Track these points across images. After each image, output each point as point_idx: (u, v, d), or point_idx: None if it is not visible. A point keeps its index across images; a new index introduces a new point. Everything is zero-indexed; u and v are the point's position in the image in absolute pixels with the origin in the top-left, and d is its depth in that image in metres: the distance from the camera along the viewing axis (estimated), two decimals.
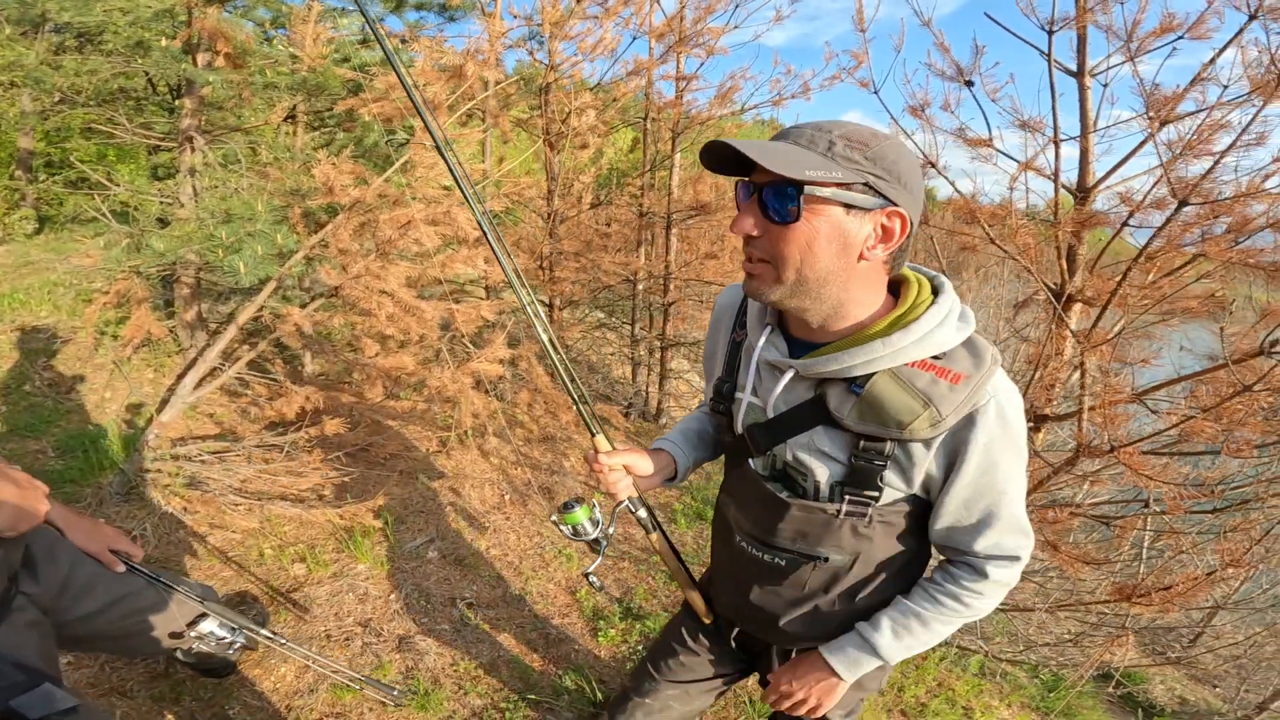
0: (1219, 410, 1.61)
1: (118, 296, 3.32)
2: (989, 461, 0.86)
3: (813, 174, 0.76)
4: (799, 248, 0.81)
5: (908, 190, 0.81)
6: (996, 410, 0.84)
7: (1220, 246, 1.90)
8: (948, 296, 0.89)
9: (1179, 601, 1.78)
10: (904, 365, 0.85)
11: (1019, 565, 0.95)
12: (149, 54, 3.14)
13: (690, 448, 1.25)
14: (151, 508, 2.55)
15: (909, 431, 0.84)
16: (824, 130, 0.80)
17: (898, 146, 0.81)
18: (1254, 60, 1.79)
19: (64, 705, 1.07)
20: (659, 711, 1.41)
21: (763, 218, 0.83)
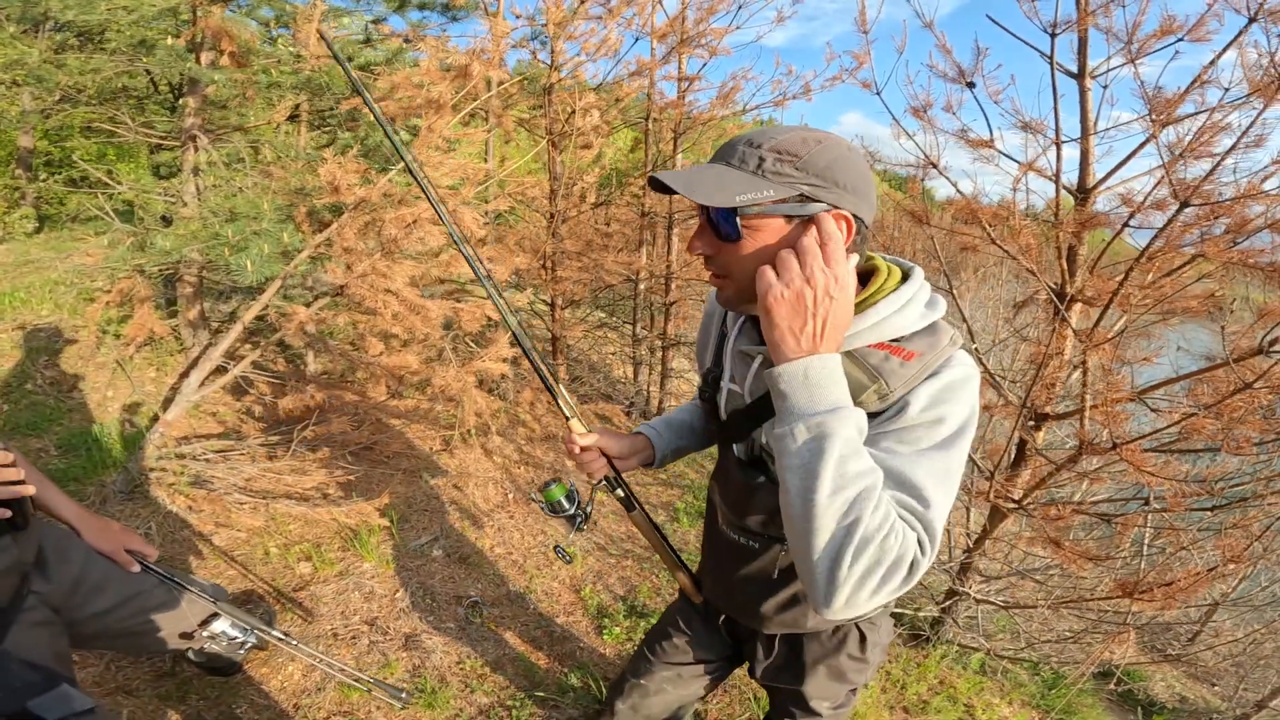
0: (1219, 408, 1.63)
1: (120, 295, 3.32)
2: (930, 416, 0.82)
3: (742, 197, 0.78)
4: (749, 263, 0.83)
5: (847, 190, 0.81)
6: (946, 382, 0.83)
7: (1219, 247, 1.93)
8: (911, 285, 0.90)
9: (1180, 597, 1.80)
10: (862, 347, 0.87)
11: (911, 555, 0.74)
12: (153, 53, 3.14)
13: (671, 434, 1.30)
14: (156, 506, 2.56)
15: (858, 404, 0.83)
16: (755, 145, 0.81)
17: (831, 149, 0.81)
18: (1254, 63, 1.81)
19: (82, 707, 1.08)
20: (654, 694, 1.46)
21: (713, 237, 0.86)
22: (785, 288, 0.75)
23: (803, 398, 0.74)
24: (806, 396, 0.74)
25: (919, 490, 0.78)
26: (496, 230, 3.92)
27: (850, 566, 0.71)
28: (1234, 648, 3.39)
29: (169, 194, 3.47)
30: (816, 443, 0.72)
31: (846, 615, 0.74)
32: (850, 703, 1.34)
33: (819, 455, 0.71)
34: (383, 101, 2.85)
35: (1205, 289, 2.12)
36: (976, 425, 0.87)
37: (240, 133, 3.94)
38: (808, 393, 0.74)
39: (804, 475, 0.72)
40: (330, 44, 1.15)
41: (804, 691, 1.26)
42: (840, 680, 1.25)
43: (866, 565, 0.71)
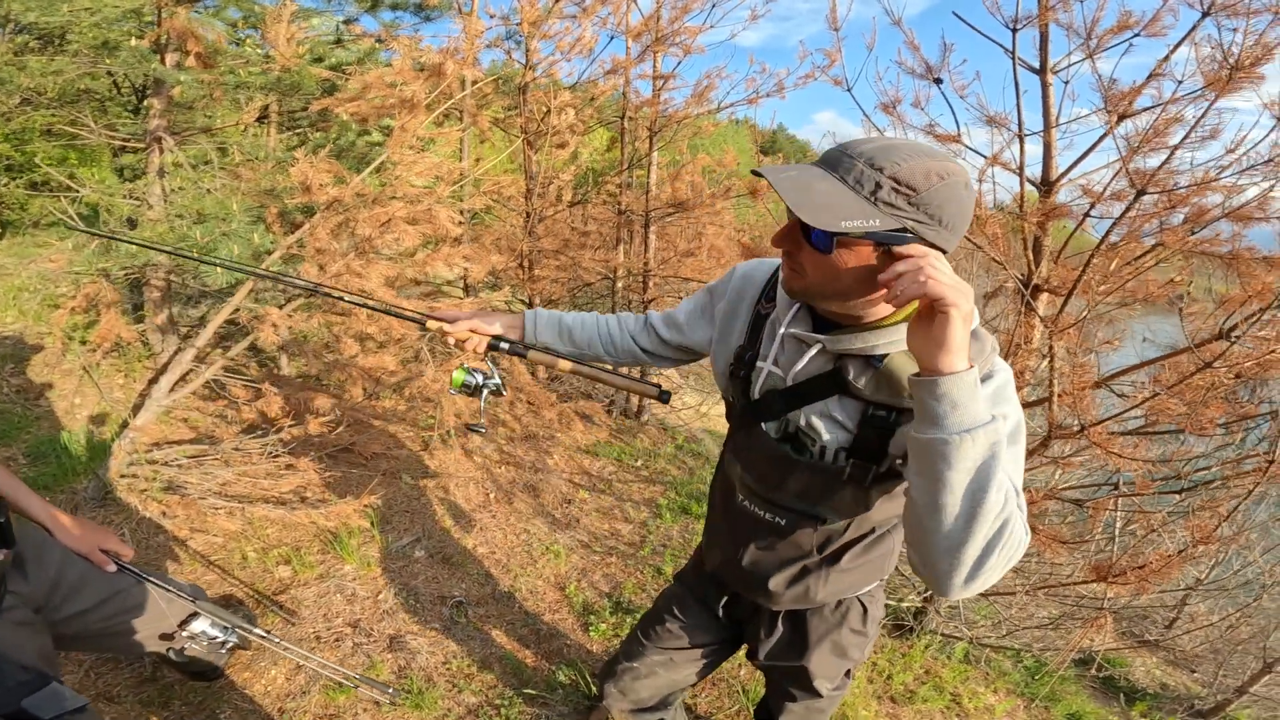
0: (1182, 387, 1.69)
1: (86, 300, 3.24)
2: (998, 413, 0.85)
3: (849, 224, 0.79)
4: (830, 274, 0.86)
5: (949, 230, 0.83)
6: (996, 385, 0.89)
7: (1178, 236, 2.00)
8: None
9: (1153, 580, 1.85)
10: None
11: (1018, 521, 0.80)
12: (116, 54, 3.07)
13: (548, 330, 1.33)
14: (129, 513, 2.51)
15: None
16: (877, 167, 0.80)
17: (949, 189, 0.81)
18: (1207, 56, 1.88)
19: (74, 704, 1.07)
20: (645, 676, 1.47)
21: (802, 237, 0.88)
22: (967, 303, 0.76)
23: (976, 407, 0.76)
24: (978, 406, 0.76)
25: (1012, 479, 0.82)
26: (473, 230, 3.91)
27: (998, 555, 0.77)
28: (1211, 633, 3.46)
29: (134, 196, 3.40)
30: (993, 449, 0.75)
31: (970, 594, 0.82)
32: (845, 686, 1.37)
33: (994, 460, 0.75)
34: (355, 102, 2.83)
35: (1165, 277, 2.20)
36: None
37: (207, 134, 3.87)
38: (977, 402, 0.76)
39: (978, 479, 0.76)
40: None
41: (807, 668, 1.29)
42: (842, 656, 1.28)
43: (1007, 553, 0.78)
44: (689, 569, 1.50)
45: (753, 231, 7.53)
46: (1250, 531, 3.26)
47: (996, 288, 2.73)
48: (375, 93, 2.75)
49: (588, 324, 1.35)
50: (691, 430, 4.93)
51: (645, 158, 4.21)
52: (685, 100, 3.98)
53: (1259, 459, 2.02)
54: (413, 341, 3.28)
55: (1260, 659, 2.95)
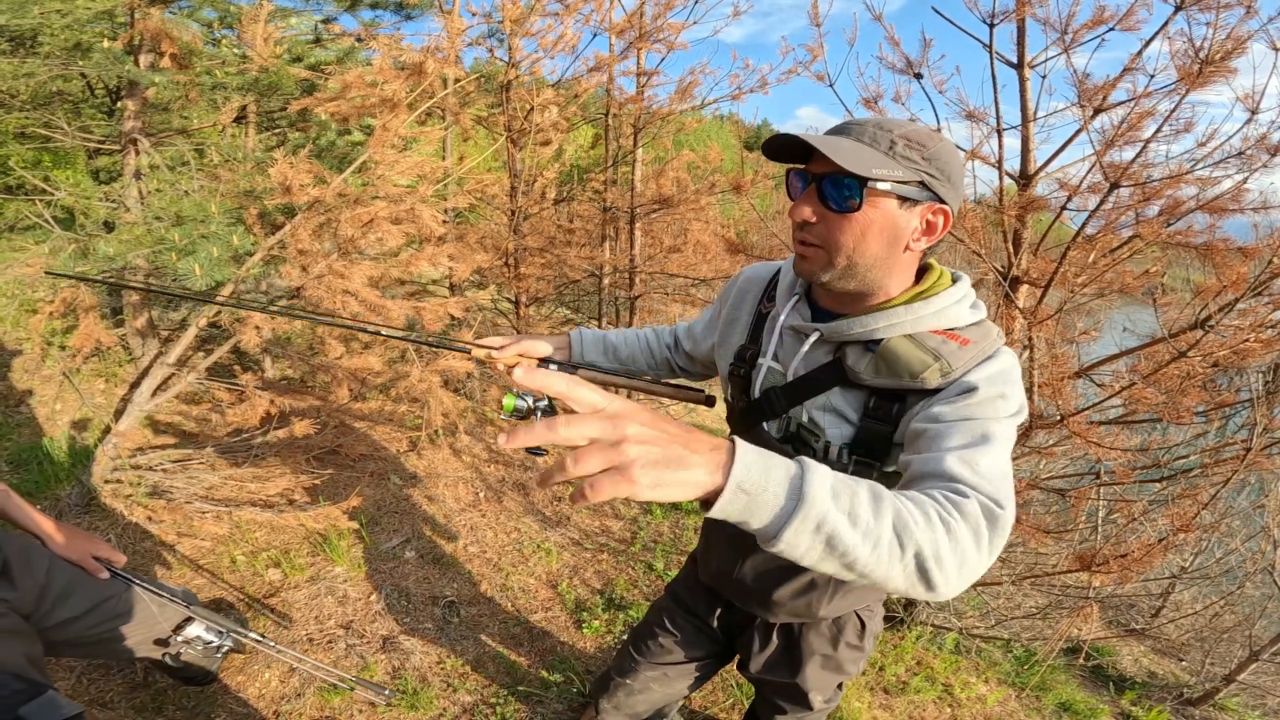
0: (1158, 376, 1.72)
1: (64, 305, 3.20)
2: (995, 391, 0.85)
3: (878, 171, 0.82)
4: (854, 236, 0.88)
5: (955, 188, 0.89)
6: (1002, 366, 0.89)
7: (1154, 228, 2.03)
8: (964, 284, 0.98)
9: (1136, 568, 1.88)
10: (924, 331, 0.92)
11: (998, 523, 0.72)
12: (89, 56, 3.02)
13: (593, 348, 1.34)
14: (114, 518, 2.48)
15: (920, 380, 0.89)
16: (885, 129, 0.86)
17: (949, 147, 0.88)
18: (1180, 50, 1.91)
19: (70, 712, 1.07)
20: (639, 692, 1.46)
21: (820, 205, 0.88)
22: (631, 443, 0.54)
23: (764, 511, 0.60)
24: (764, 508, 0.60)
25: (978, 458, 0.77)
26: (457, 229, 3.89)
27: (941, 573, 0.66)
28: (1196, 621, 3.48)
29: (110, 199, 3.36)
30: (818, 533, 0.61)
31: (960, 591, 0.72)
32: (837, 698, 1.36)
33: (832, 539, 0.61)
34: (335, 101, 2.81)
35: (1142, 268, 2.23)
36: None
37: (184, 135, 3.82)
38: (763, 503, 0.59)
39: (837, 561, 0.63)
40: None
41: (799, 683, 1.27)
42: (836, 671, 1.27)
43: (953, 560, 0.67)
44: (680, 580, 1.47)
45: (738, 226, 7.55)
46: (1232, 519, 3.31)
47: (977, 280, 2.76)
48: (356, 92, 2.73)
49: (630, 339, 1.38)
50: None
51: (630, 154, 4.21)
52: (669, 97, 3.98)
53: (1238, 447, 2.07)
54: (397, 342, 3.26)
55: (1246, 647, 2.99)
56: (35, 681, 1.10)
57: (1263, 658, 2.74)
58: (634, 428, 0.54)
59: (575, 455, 0.53)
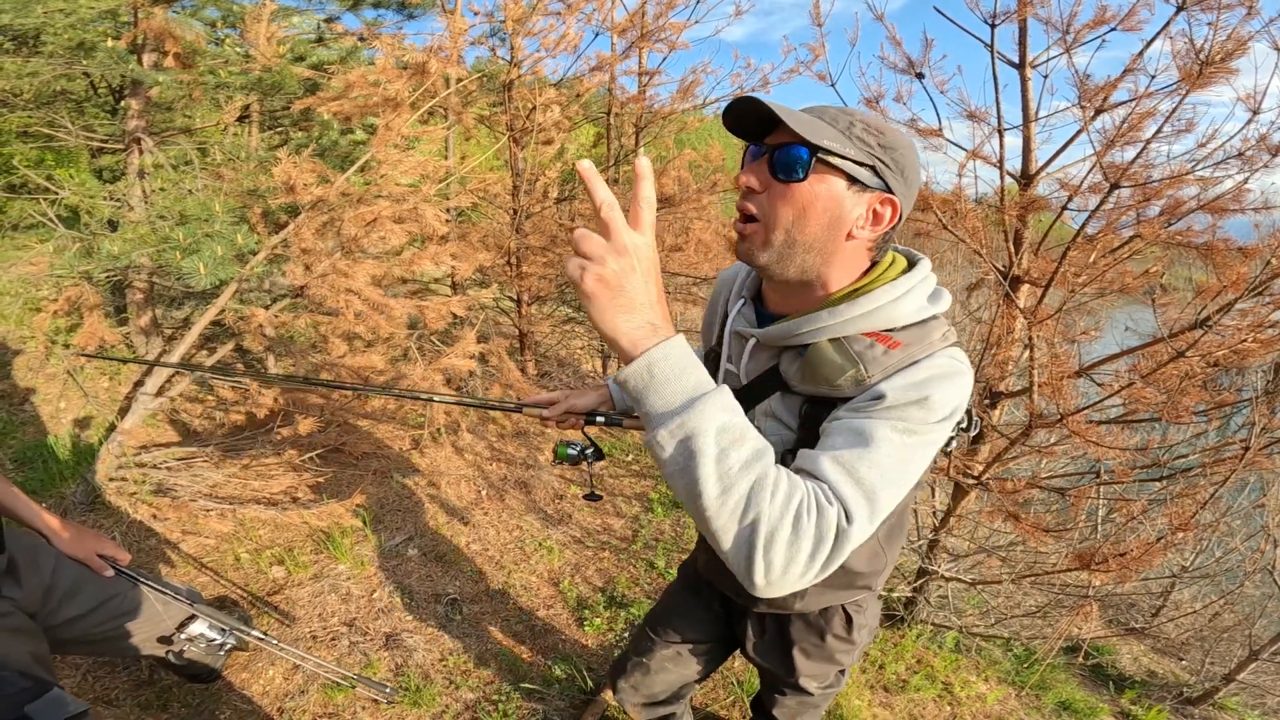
0: (1157, 375, 1.73)
1: (68, 304, 3.22)
2: (910, 397, 0.81)
3: (829, 143, 0.81)
4: (795, 209, 0.84)
5: (906, 184, 0.86)
6: (931, 372, 0.83)
7: (1154, 228, 2.03)
8: (911, 277, 0.90)
9: (1135, 567, 1.89)
10: (853, 334, 0.88)
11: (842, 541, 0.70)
12: (93, 55, 3.04)
13: None
14: (119, 516, 2.50)
15: (836, 388, 0.86)
16: (846, 113, 0.85)
17: (908, 144, 0.86)
18: (1181, 51, 1.91)
19: (76, 710, 1.08)
20: (655, 672, 1.49)
21: (769, 175, 0.85)
22: (600, 266, 0.63)
23: (656, 399, 0.66)
24: (659, 397, 0.66)
25: (855, 464, 0.75)
26: (459, 228, 3.90)
27: (765, 557, 0.66)
28: (1197, 620, 3.47)
29: (114, 198, 3.37)
30: (685, 445, 0.65)
31: (781, 594, 0.70)
32: (839, 682, 1.38)
33: (693, 458, 0.65)
34: (338, 101, 2.82)
35: (1142, 268, 2.24)
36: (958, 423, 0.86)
37: (187, 135, 3.83)
38: (659, 392, 0.66)
39: (686, 482, 0.66)
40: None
41: (792, 668, 1.29)
42: (828, 661, 1.28)
43: (784, 553, 0.67)
44: (688, 564, 1.51)
45: None
46: (1232, 518, 3.31)
47: (978, 279, 2.76)
48: (359, 91, 2.74)
49: None
50: None
51: (632, 154, 4.22)
52: (671, 96, 3.99)
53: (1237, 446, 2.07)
54: (400, 340, 3.28)
55: (1246, 646, 2.99)
56: (41, 679, 1.11)
57: (1262, 657, 2.74)
58: (622, 258, 0.63)
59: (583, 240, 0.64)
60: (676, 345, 0.66)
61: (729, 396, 0.68)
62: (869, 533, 0.73)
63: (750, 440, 0.67)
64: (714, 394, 0.66)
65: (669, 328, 0.67)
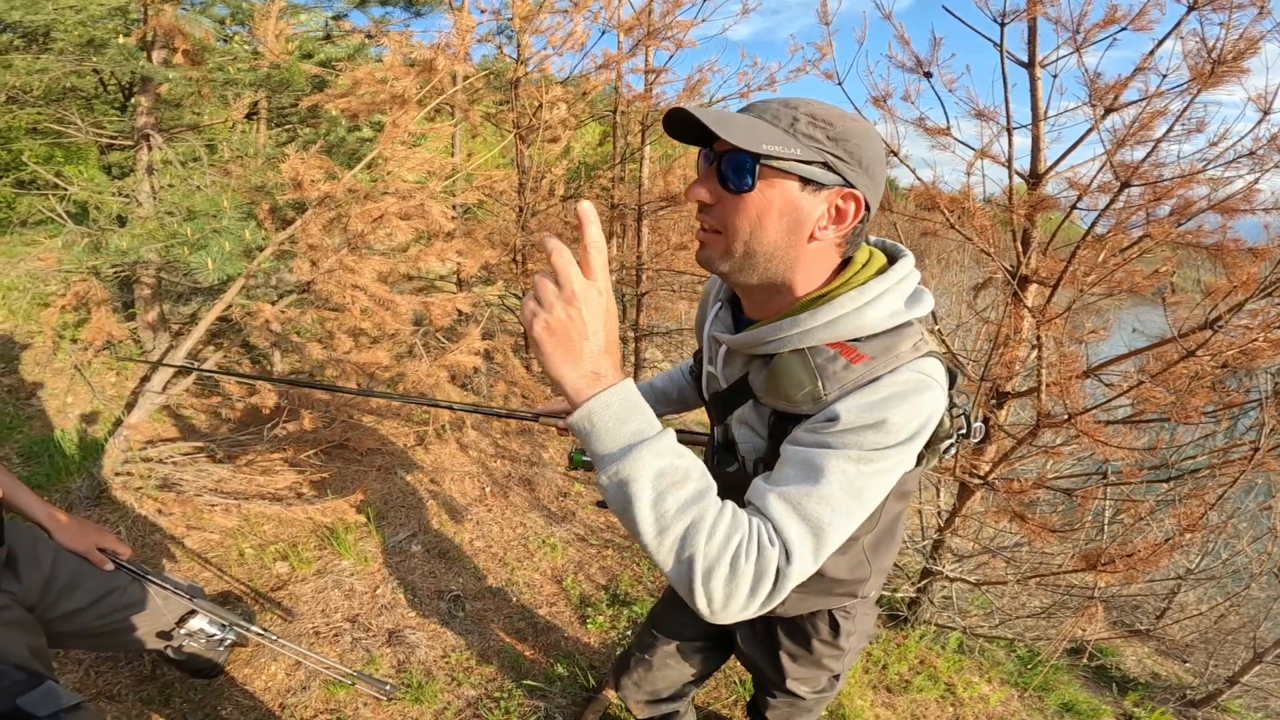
0: (1166, 376, 1.72)
1: (76, 299, 3.23)
2: (866, 419, 0.77)
3: (769, 148, 0.75)
4: (749, 219, 0.79)
5: (868, 175, 0.79)
6: (891, 391, 0.78)
7: (1164, 228, 2.02)
8: (885, 279, 0.84)
9: (1141, 568, 1.88)
10: (818, 345, 0.83)
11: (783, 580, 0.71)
12: (103, 52, 3.05)
13: (652, 400, 1.37)
14: (124, 511, 2.51)
15: (794, 404, 0.83)
16: (790, 106, 0.78)
17: (863, 129, 0.79)
18: (1193, 50, 1.90)
19: (69, 702, 1.08)
20: (657, 669, 1.49)
21: (718, 186, 0.80)
22: (549, 313, 0.66)
23: (598, 445, 0.69)
24: (600, 444, 0.69)
25: (801, 501, 0.74)
26: (465, 225, 3.90)
27: (705, 590, 0.68)
28: (1201, 622, 3.46)
29: (123, 194, 3.38)
30: (622, 490, 0.68)
31: (730, 622, 0.72)
32: (833, 688, 1.36)
33: (630, 503, 0.67)
34: (345, 98, 2.82)
35: (1152, 268, 2.22)
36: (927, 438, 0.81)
37: (195, 131, 3.84)
38: (599, 440, 0.68)
39: (626, 521, 0.69)
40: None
41: (780, 671, 1.28)
42: (815, 666, 1.26)
43: (722, 589, 0.68)
44: None
45: None
46: (1239, 520, 3.29)
47: (986, 279, 2.75)
48: (366, 88, 2.75)
49: (674, 377, 1.41)
50: (685, 423, 4.95)
51: (638, 152, 4.22)
52: (677, 94, 3.98)
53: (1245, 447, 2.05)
54: (406, 336, 3.28)
55: (1250, 649, 2.98)
56: (36, 672, 1.11)
57: (1267, 659, 2.72)
58: (570, 307, 0.66)
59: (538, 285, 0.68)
60: (617, 394, 0.68)
61: (669, 440, 0.70)
62: (815, 566, 0.74)
63: (691, 482, 0.70)
64: (653, 440, 0.68)
65: (614, 375, 0.69)
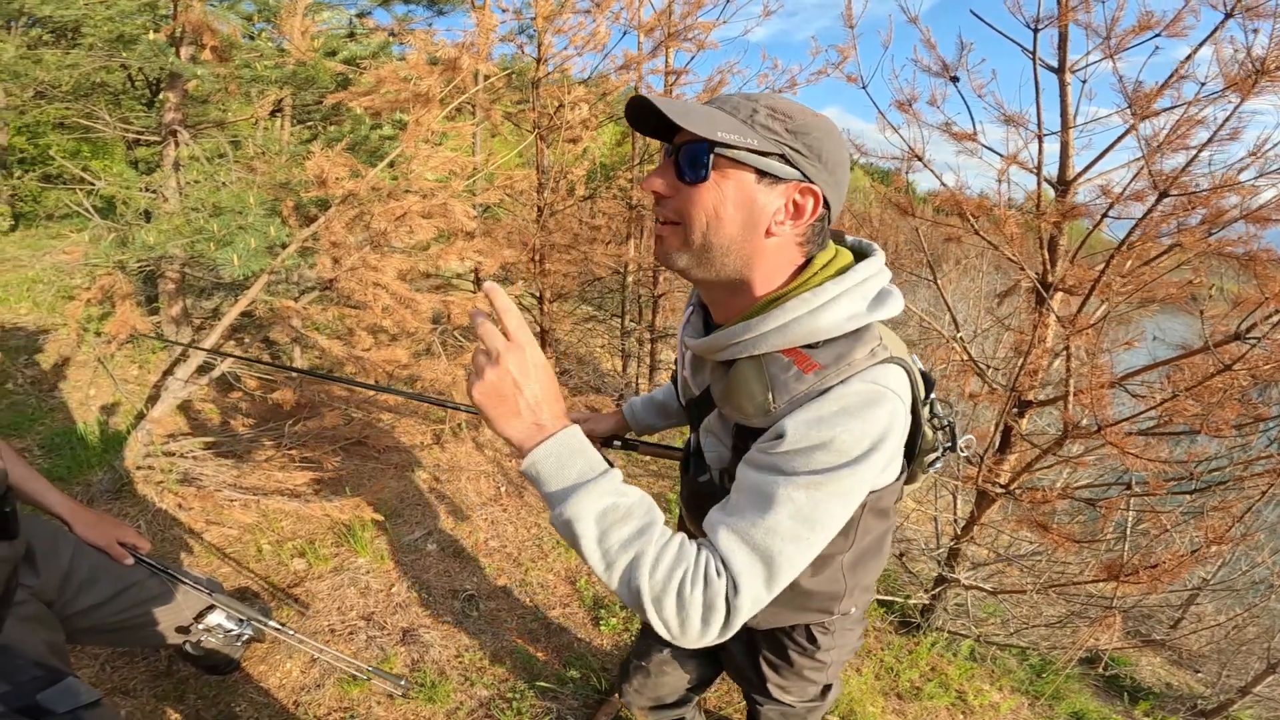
0: (1199, 390, 1.69)
1: (101, 292, 3.27)
2: (811, 439, 0.74)
3: (725, 135, 0.73)
4: (705, 210, 0.77)
5: (827, 170, 0.78)
6: (842, 404, 0.75)
7: (1195, 237, 1.99)
8: (845, 279, 0.80)
9: (1166, 579, 1.85)
10: (772, 353, 0.80)
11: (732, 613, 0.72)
12: (133, 47, 3.09)
13: (646, 413, 1.39)
14: (144, 505, 2.53)
15: (747, 417, 0.82)
16: (751, 99, 0.77)
17: (825, 126, 0.78)
18: (1229, 58, 1.86)
19: (89, 698, 1.08)
20: (654, 675, 1.49)
21: (675, 178, 0.79)
22: (481, 378, 0.72)
23: (545, 489, 0.74)
24: (547, 488, 0.74)
25: (749, 533, 0.74)
26: (484, 224, 3.91)
27: (659, 617, 0.72)
28: (1216, 633, 3.44)
29: (150, 189, 3.42)
30: (569, 529, 0.72)
31: (693, 647, 0.75)
32: (825, 698, 1.31)
33: (577, 540, 0.72)
34: (369, 96, 2.84)
35: (1183, 278, 2.19)
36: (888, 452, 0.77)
37: (219, 128, 3.88)
38: (546, 484, 0.74)
39: (578, 554, 0.74)
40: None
41: (761, 679, 1.25)
42: (798, 677, 1.23)
43: (675, 617, 0.72)
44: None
45: None
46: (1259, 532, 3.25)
47: (1010, 287, 2.72)
48: (389, 86, 2.76)
49: (671, 390, 1.39)
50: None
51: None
52: (697, 96, 3.97)
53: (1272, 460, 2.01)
54: (424, 335, 3.29)
55: (1264, 659, 2.95)
56: (55, 668, 1.10)
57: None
58: (498, 368, 0.71)
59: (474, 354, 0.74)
60: (559, 442, 0.73)
61: (611, 481, 0.74)
62: (767, 596, 0.74)
63: (634, 520, 0.73)
64: (594, 482, 0.73)
65: (555, 423, 0.74)
